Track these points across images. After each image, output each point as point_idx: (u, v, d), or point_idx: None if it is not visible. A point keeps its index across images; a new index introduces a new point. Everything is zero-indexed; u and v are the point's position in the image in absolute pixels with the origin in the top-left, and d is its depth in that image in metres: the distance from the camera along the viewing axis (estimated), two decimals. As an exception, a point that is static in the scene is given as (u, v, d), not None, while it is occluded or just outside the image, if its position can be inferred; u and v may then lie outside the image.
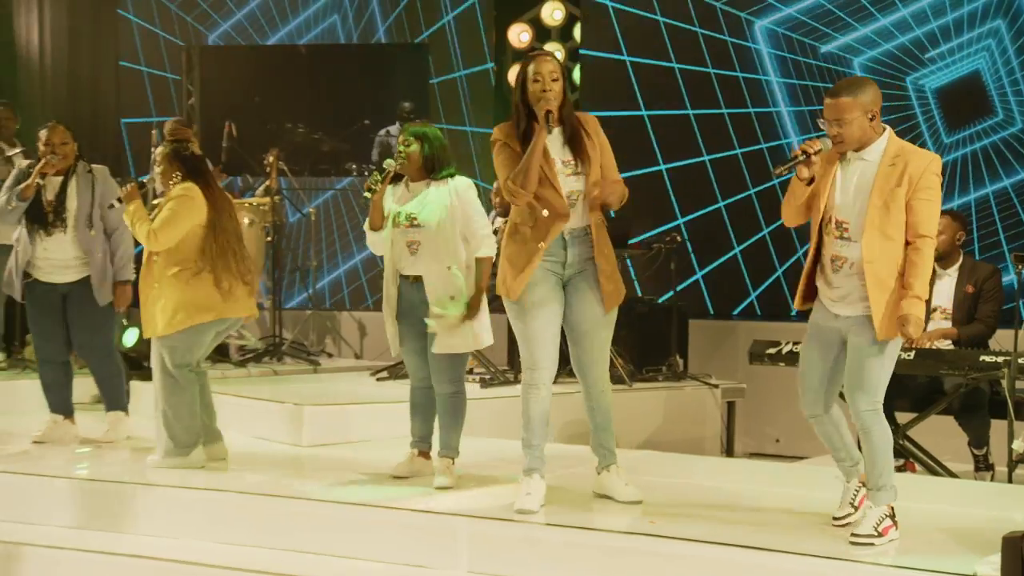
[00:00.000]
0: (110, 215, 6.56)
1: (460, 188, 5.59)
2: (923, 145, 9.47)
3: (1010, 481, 5.96)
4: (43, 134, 6.66)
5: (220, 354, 9.13)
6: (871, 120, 4.55)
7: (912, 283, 4.50)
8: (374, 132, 11.59)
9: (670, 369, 8.45)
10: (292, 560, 5.15)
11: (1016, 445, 5.85)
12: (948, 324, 6.87)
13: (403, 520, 5.14)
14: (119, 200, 6.10)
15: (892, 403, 6.77)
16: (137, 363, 8.14)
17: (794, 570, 4.42)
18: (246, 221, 8.91)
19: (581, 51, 11.02)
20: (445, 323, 5.48)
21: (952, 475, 6.50)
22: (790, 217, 4.75)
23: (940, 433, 7.09)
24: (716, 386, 8.35)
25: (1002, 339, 6.86)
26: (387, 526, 5.17)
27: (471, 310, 5.53)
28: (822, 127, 4.58)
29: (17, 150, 8.37)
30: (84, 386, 7.29)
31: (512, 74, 10.89)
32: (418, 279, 5.57)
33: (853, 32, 10.02)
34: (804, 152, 4.52)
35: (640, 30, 10.69)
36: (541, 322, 5.15)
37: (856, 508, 4.79)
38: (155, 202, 6.54)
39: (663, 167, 10.47)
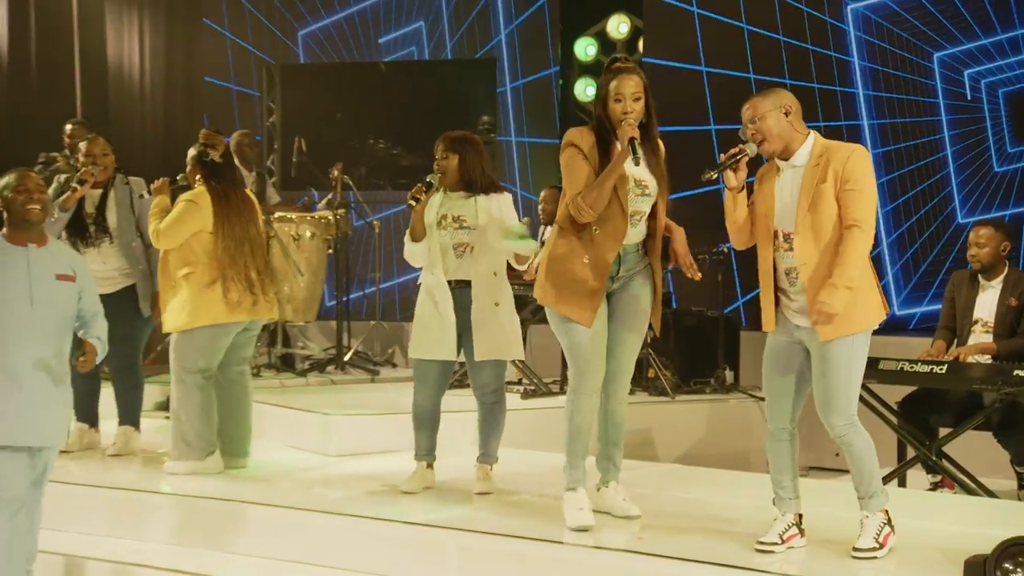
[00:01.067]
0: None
1: (504, 202, 5.51)
2: (986, 150, 9.11)
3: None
4: (83, 146, 6.64)
5: (285, 364, 9.13)
6: (787, 116, 4.41)
7: (834, 271, 4.31)
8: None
9: (717, 381, 8.17)
10: (280, 569, 5.09)
11: (1042, 464, 5.46)
12: (989, 337, 6.48)
13: (394, 532, 5.01)
14: (149, 192, 6.11)
15: (929, 418, 6.49)
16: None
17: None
18: (308, 234, 8.91)
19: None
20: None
21: (990, 494, 6.10)
22: (737, 239, 4.63)
23: (988, 449, 6.69)
24: (762, 399, 7.99)
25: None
26: (379, 538, 5.04)
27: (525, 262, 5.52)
28: (741, 136, 4.46)
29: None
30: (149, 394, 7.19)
31: (579, 87, 10.75)
32: (459, 284, 5.46)
33: (938, 27, 9.64)
34: (731, 156, 4.40)
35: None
36: (590, 333, 4.91)
37: (783, 542, 4.52)
38: None
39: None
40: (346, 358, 9.14)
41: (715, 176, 4.43)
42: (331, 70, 12.17)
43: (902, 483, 6.66)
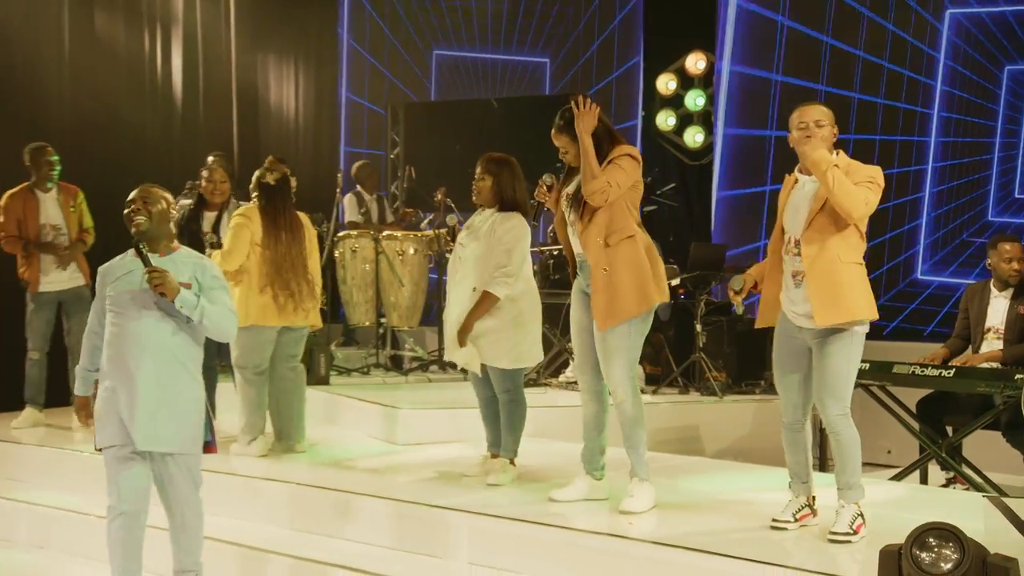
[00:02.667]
0: None
1: (499, 222, 5.26)
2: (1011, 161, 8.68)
3: (1028, 497, 5.14)
4: (205, 173, 6.99)
5: (394, 364, 9.14)
6: (834, 136, 4.29)
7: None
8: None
9: (767, 382, 7.84)
10: (315, 543, 5.06)
11: (1029, 463, 5.05)
12: (1001, 344, 6.07)
13: (417, 513, 4.94)
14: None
15: (943, 419, 6.11)
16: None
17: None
18: (411, 250, 8.92)
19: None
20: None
21: (999, 490, 5.68)
22: None
23: (1010, 448, 6.26)
24: (805, 399, 7.67)
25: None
26: (404, 518, 4.98)
27: (461, 334, 5.24)
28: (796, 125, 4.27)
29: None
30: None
31: (660, 117, 10.53)
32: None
33: (1017, 43, 9.28)
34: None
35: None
36: (574, 336, 4.97)
37: (796, 521, 4.42)
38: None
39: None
40: (445, 358, 9.07)
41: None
42: (449, 107, 12.18)
43: (923, 479, 6.30)
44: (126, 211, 4.30)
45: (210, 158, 9.18)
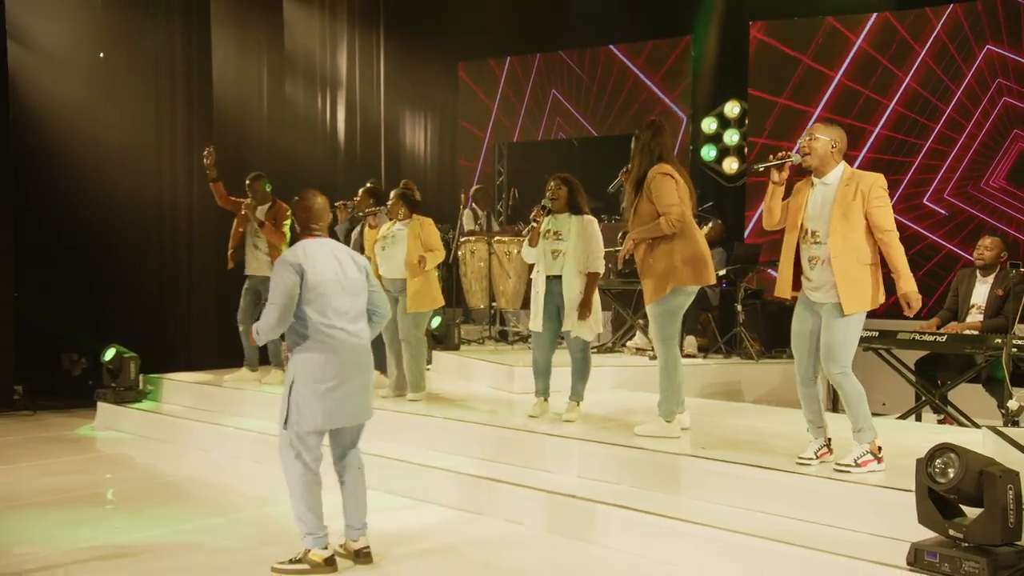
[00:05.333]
0: None
1: (586, 220, 5.35)
2: (981, 176, 8.39)
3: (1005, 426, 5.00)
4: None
5: (501, 336, 9.20)
6: (833, 148, 4.10)
7: (897, 268, 4.00)
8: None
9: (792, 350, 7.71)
10: (469, 464, 5.13)
11: (1011, 404, 4.92)
12: (981, 318, 5.92)
13: (539, 441, 5.01)
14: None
15: (936, 374, 5.98)
16: (439, 339, 8.30)
17: (782, 483, 4.07)
18: (515, 251, 8.96)
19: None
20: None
21: (976, 426, 5.54)
22: (766, 220, 4.30)
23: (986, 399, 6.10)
24: (821, 362, 7.55)
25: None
26: (530, 444, 5.04)
27: (583, 309, 5.26)
28: (798, 147, 4.15)
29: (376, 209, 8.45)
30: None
31: (704, 151, 10.44)
32: (555, 277, 5.32)
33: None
34: (779, 157, 4.12)
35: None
36: None
37: (817, 458, 4.24)
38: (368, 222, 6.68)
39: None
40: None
41: (762, 169, 4.15)
42: (540, 145, 12.22)
43: (918, 419, 6.19)
44: None
45: (369, 184, 9.38)
